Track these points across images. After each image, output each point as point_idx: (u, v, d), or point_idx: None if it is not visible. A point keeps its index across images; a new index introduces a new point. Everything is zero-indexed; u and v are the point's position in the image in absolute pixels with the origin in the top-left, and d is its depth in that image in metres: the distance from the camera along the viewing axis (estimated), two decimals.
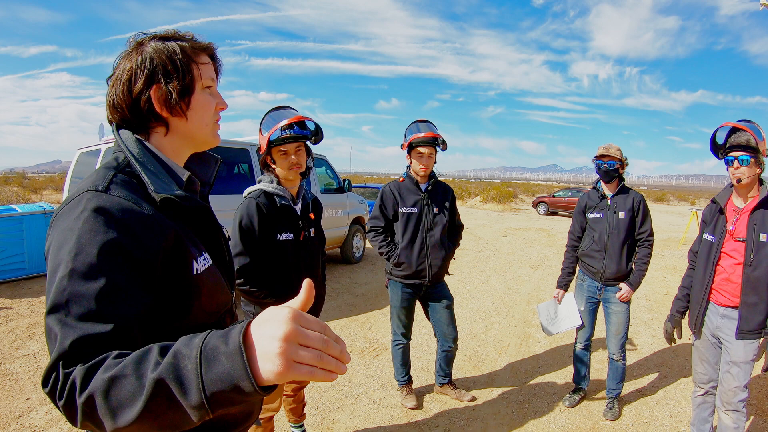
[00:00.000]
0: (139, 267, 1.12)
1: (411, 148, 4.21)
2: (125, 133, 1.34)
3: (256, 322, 0.90)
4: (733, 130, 3.31)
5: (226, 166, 8.28)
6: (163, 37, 1.37)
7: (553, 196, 31.41)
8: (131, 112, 1.33)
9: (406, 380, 4.66)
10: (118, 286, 1.06)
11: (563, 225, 23.06)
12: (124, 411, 0.89)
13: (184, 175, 1.37)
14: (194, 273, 1.28)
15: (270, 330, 0.86)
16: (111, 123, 1.39)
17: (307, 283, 0.96)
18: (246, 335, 0.88)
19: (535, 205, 32.16)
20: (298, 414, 3.75)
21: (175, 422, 0.93)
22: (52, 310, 1.02)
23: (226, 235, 1.58)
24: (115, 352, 0.98)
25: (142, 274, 1.12)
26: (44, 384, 0.97)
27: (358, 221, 11.75)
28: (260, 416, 3.32)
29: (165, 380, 0.88)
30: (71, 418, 0.95)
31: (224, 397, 0.89)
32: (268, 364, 0.85)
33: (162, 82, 1.32)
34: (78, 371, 0.94)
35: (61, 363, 0.96)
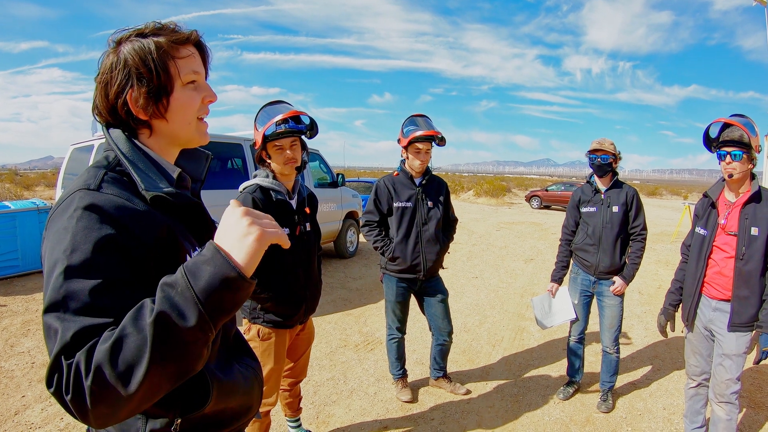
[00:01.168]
0: (134, 261, 1.13)
1: (409, 143, 4.21)
2: (115, 132, 1.34)
3: (219, 229, 1.08)
4: (727, 125, 3.33)
5: (219, 161, 8.27)
6: (140, 34, 1.33)
7: (546, 190, 31.42)
8: (112, 116, 1.33)
9: (401, 374, 4.67)
10: (115, 280, 1.07)
11: (556, 219, 23.11)
12: (134, 370, 0.92)
13: (174, 172, 1.36)
14: None
15: (231, 219, 1.06)
16: (101, 123, 1.39)
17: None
18: (216, 245, 1.04)
19: (528, 199, 32.16)
20: (294, 408, 3.77)
21: (185, 362, 1.00)
22: (50, 308, 1.03)
23: None
24: (110, 328, 1.00)
25: (136, 267, 1.13)
26: (49, 384, 0.97)
27: (351, 215, 11.75)
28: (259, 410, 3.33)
29: (163, 312, 0.95)
30: (82, 412, 0.95)
31: (218, 300, 0.99)
32: (247, 238, 1.03)
33: (135, 86, 1.29)
34: (80, 355, 0.95)
35: (63, 356, 0.97)
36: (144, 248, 1.16)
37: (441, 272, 4.64)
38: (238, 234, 1.02)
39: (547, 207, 30.77)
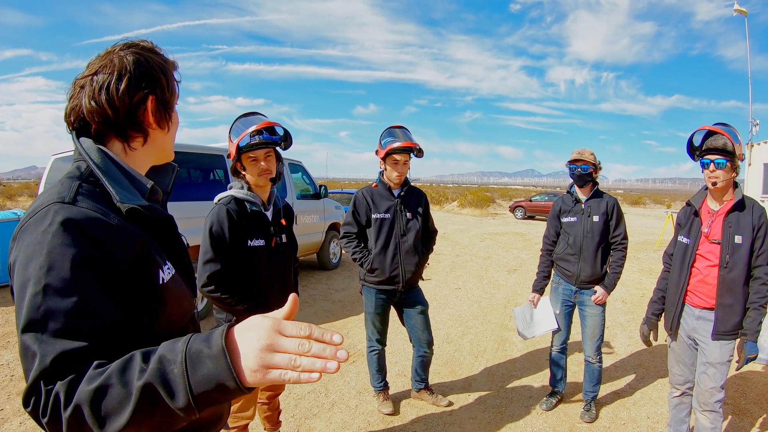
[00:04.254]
0: (111, 278, 1.11)
1: (386, 155, 4.19)
2: (86, 142, 1.31)
3: (239, 328, 0.97)
4: (710, 133, 3.33)
5: (201, 173, 8.23)
6: (149, 49, 1.38)
7: (530, 201, 31.60)
8: (126, 117, 1.31)
9: (383, 386, 4.63)
10: (93, 299, 1.06)
11: (540, 229, 23.16)
12: (113, 418, 0.92)
13: (148, 183, 1.35)
14: (160, 282, 1.27)
15: (250, 338, 0.94)
16: (71, 131, 1.36)
17: (292, 297, 1.04)
18: (228, 338, 0.96)
19: (513, 209, 32.30)
20: (273, 422, 3.72)
21: (163, 424, 0.98)
22: (27, 328, 1.01)
23: (186, 243, 1.55)
24: (95, 363, 0.99)
25: (114, 285, 1.12)
26: (26, 404, 0.97)
27: (334, 227, 11.72)
28: (235, 425, 3.30)
29: (153, 384, 0.92)
30: None
31: (210, 397, 0.95)
32: (250, 371, 0.93)
33: (157, 93, 1.34)
34: (60, 386, 0.95)
35: (42, 381, 0.96)
36: (120, 264, 1.14)
37: (423, 283, 4.61)
38: (248, 361, 0.93)
39: (531, 217, 30.88)
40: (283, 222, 3.33)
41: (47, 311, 1.00)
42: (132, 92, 1.29)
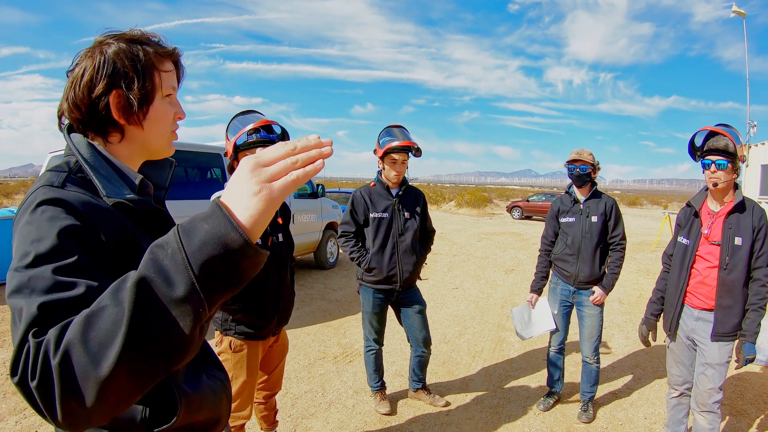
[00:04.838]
0: (98, 255, 1.09)
1: (385, 154, 4.18)
2: (77, 137, 1.31)
3: (226, 188, 0.90)
4: (712, 134, 3.33)
5: (199, 171, 8.21)
6: (130, 39, 1.32)
7: (528, 201, 31.56)
8: (89, 115, 1.29)
9: (380, 386, 4.61)
10: (81, 264, 1.03)
11: (537, 229, 23.14)
12: (105, 351, 0.80)
13: (137, 179, 1.33)
14: None
15: (236, 179, 0.87)
16: (62, 126, 1.36)
17: None
18: (219, 201, 0.87)
19: (510, 209, 32.25)
20: (270, 422, 3.70)
21: (169, 345, 0.85)
22: (15, 291, 0.97)
23: None
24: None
25: (101, 262, 1.09)
26: (13, 371, 0.85)
27: (331, 226, 11.67)
28: (232, 424, 3.27)
29: (146, 277, 0.82)
30: (49, 405, 0.83)
31: (215, 268, 0.83)
32: (253, 199, 0.84)
33: (122, 88, 1.27)
34: (52, 332, 0.85)
35: (31, 333, 0.87)
36: (108, 248, 1.12)
37: (420, 283, 4.59)
38: (239, 195, 0.86)
39: (528, 217, 30.86)
40: (280, 221, 3.32)
41: (35, 273, 0.98)
42: (92, 89, 1.26)
